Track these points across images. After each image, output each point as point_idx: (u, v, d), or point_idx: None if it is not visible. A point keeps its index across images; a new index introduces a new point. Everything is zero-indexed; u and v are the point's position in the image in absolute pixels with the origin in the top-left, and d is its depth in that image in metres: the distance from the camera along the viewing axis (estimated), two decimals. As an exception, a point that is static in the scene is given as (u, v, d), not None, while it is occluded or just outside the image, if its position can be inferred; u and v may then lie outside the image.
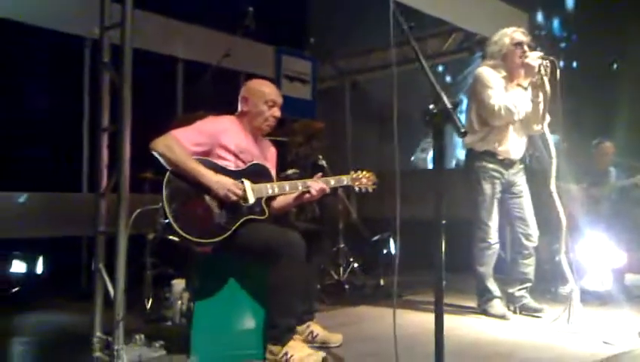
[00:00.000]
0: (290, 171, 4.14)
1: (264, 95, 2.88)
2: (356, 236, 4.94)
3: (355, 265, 4.49)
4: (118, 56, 2.76)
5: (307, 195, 2.86)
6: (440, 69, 8.78)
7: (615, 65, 5.10)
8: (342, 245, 4.48)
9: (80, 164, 5.18)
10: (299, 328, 2.79)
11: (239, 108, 2.93)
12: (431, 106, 1.93)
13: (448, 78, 9.00)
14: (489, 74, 3.62)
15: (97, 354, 2.71)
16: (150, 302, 3.60)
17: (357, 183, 2.96)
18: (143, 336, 2.78)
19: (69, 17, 4.97)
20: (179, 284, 3.37)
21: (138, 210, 3.17)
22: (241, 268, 2.77)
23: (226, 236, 2.60)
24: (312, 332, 2.80)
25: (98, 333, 2.75)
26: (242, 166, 2.78)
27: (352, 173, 2.98)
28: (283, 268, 2.56)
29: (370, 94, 7.19)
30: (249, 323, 2.75)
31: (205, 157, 2.69)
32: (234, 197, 2.60)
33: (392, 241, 5.09)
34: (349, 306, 3.90)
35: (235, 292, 2.76)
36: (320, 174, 2.95)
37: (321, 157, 4.35)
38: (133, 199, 2.83)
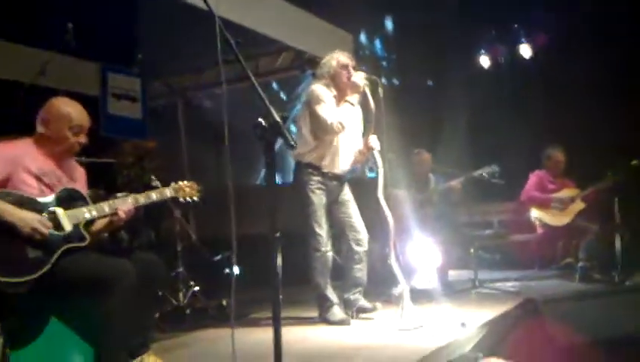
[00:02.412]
0: (119, 195, 3.89)
1: (69, 119, 2.59)
2: (196, 258, 4.79)
3: (196, 288, 4.35)
4: None
5: (115, 217, 2.67)
6: (275, 86, 8.98)
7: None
8: (180, 269, 4.30)
9: None
10: (132, 362, 2.60)
11: (37, 130, 2.61)
12: (261, 120, 1.94)
13: (283, 96, 9.24)
14: (322, 91, 3.82)
15: None
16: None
17: (180, 193, 2.93)
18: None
19: None
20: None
21: None
22: (64, 305, 2.51)
23: (45, 271, 2.35)
24: (146, 365, 2.63)
25: None
26: (49, 192, 2.53)
27: (173, 184, 2.94)
28: (113, 299, 2.39)
29: (205, 112, 7.10)
30: (76, 365, 2.51)
31: (6, 190, 2.41)
32: (41, 233, 2.36)
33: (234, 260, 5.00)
34: (190, 331, 3.76)
35: (58, 332, 2.50)
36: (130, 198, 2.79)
37: (154, 177, 4.15)
38: None
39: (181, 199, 2.92)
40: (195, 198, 2.96)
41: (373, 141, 3.84)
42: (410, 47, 8.52)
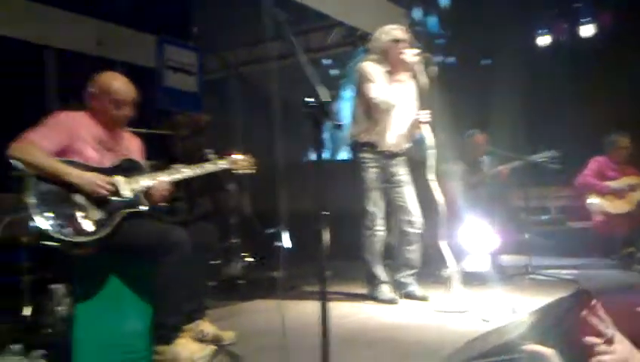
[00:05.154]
0: (175, 166, 3.99)
1: (110, 93, 2.66)
2: (250, 230, 4.88)
3: (250, 259, 4.43)
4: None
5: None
6: (325, 62, 8.91)
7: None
8: (234, 240, 4.39)
9: None
10: (188, 327, 2.69)
11: (87, 103, 2.72)
12: (308, 98, 1.94)
13: (335, 71, 9.16)
14: (371, 68, 3.74)
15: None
16: (28, 310, 3.31)
17: (235, 166, 3.00)
18: (19, 346, 2.58)
19: None
20: (59, 289, 3.18)
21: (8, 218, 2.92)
22: (124, 267, 2.63)
23: (108, 233, 2.47)
24: (202, 331, 2.72)
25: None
26: (108, 161, 2.65)
27: (229, 157, 3.02)
28: (168, 265, 2.49)
29: (260, 86, 7.12)
30: (135, 325, 2.61)
31: (67, 159, 2.53)
32: (103, 191, 2.48)
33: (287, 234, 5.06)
34: (243, 301, 3.85)
35: (119, 293, 2.62)
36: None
37: (208, 151, 4.23)
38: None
39: (235, 172, 2.99)
40: (250, 171, 3.02)
41: (423, 115, 3.74)
42: (467, 25, 8.28)
